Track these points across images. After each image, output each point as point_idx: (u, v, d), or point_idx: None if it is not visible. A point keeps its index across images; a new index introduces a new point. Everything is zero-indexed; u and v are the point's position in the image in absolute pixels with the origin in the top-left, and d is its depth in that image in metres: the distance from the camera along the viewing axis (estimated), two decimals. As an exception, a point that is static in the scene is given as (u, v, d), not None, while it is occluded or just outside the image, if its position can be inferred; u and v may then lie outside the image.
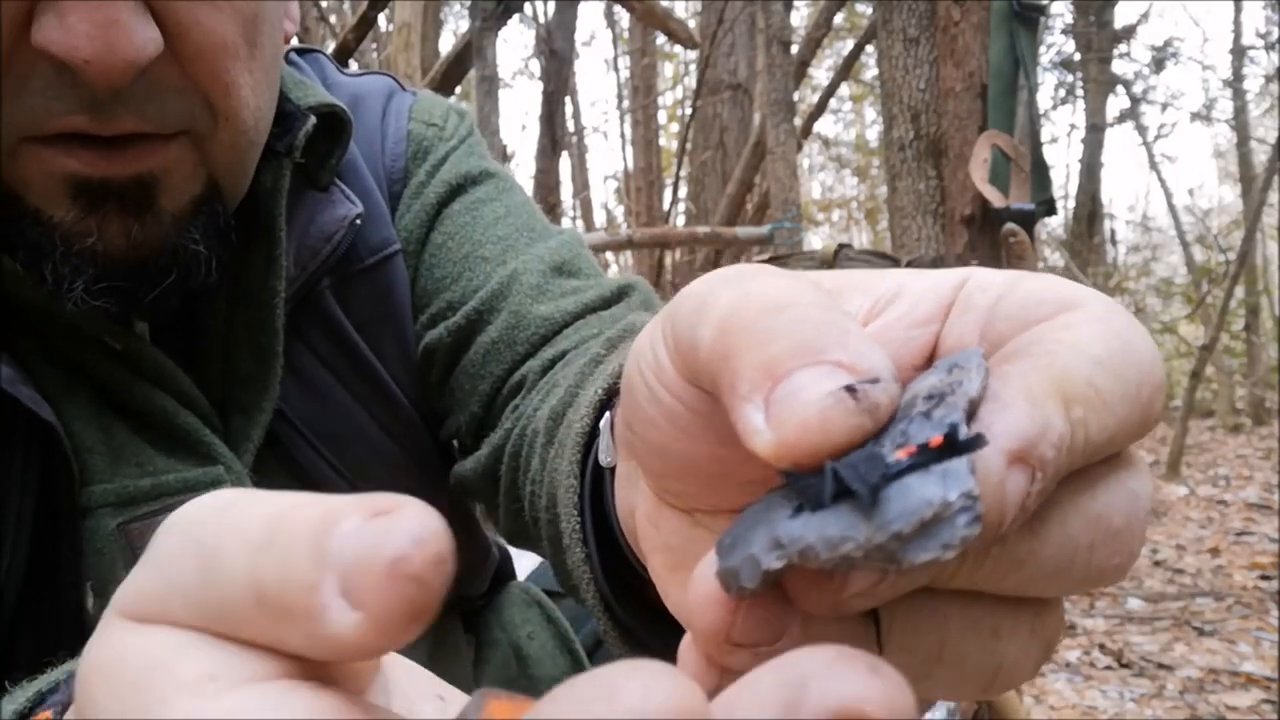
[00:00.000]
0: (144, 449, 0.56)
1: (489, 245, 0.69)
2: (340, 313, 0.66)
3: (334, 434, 0.66)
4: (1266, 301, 10.24)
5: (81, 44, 0.44)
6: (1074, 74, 9.15)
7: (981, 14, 1.92)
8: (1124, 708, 2.55)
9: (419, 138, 0.72)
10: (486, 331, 0.66)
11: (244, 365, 0.61)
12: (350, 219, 0.64)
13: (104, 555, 0.54)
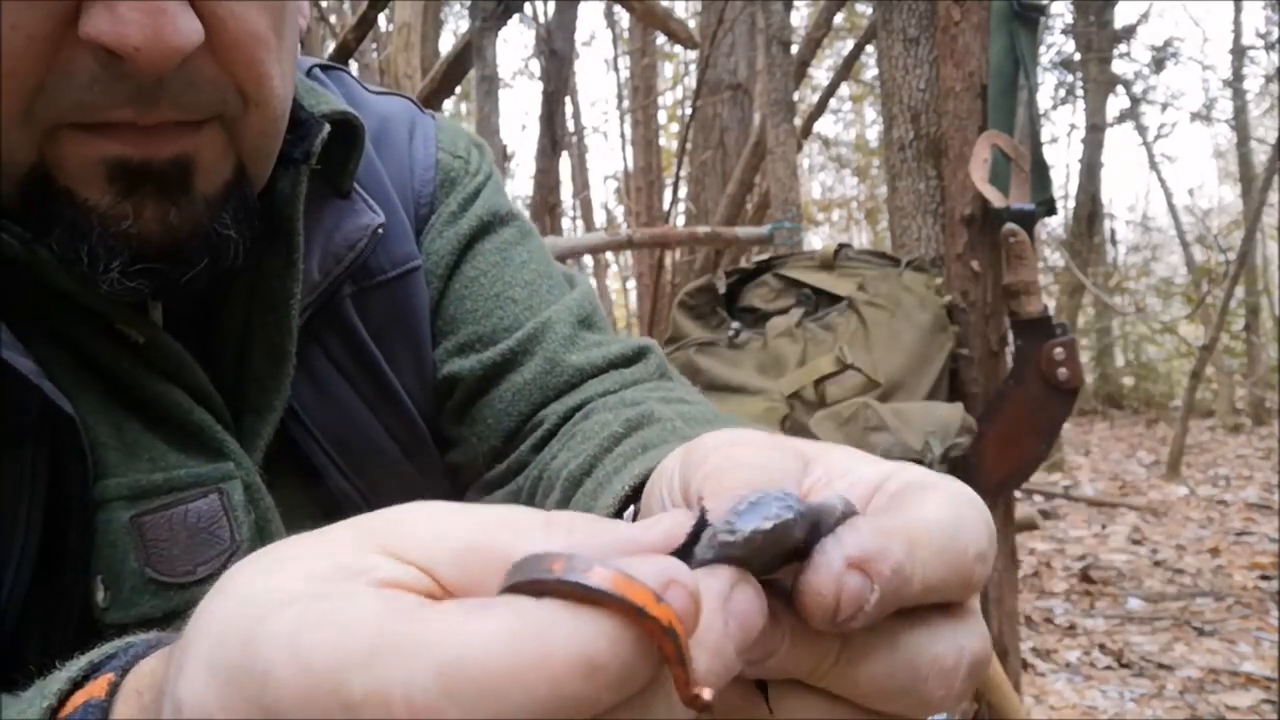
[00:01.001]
0: (155, 444, 0.57)
1: (517, 288, 0.73)
2: (359, 321, 0.68)
3: (345, 438, 0.67)
4: (1266, 301, 10.23)
5: (132, 32, 0.46)
6: (1074, 74, 9.14)
7: (981, 14, 1.92)
8: (1124, 708, 2.55)
9: (447, 167, 0.75)
10: (520, 372, 0.71)
11: (258, 364, 0.62)
12: (373, 228, 0.66)
13: (116, 547, 0.55)
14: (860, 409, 1.69)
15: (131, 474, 0.56)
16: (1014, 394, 1.87)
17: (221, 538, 0.58)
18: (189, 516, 0.57)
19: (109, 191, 0.50)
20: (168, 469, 0.57)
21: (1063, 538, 4.52)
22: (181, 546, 0.56)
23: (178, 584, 0.56)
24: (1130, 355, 11.79)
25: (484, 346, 0.72)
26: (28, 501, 0.53)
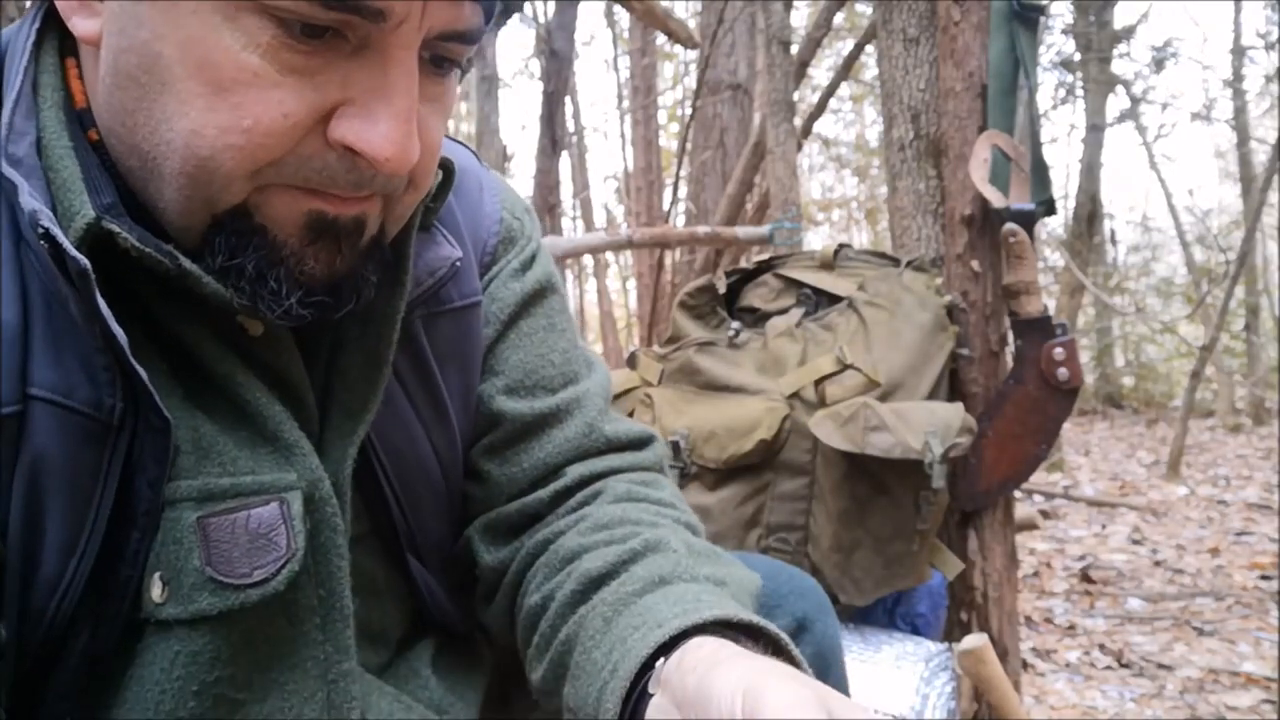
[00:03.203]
0: (228, 448, 0.61)
1: (558, 354, 0.83)
2: (426, 343, 0.75)
3: (398, 449, 0.73)
4: (1266, 301, 10.23)
5: (387, 148, 0.55)
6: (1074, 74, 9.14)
7: (981, 14, 1.92)
8: (1124, 708, 2.55)
9: (508, 226, 0.84)
10: (562, 427, 0.81)
11: (354, 371, 0.68)
12: (453, 260, 0.75)
13: (181, 545, 0.59)
14: (860, 409, 1.69)
15: (202, 476, 0.60)
16: (1014, 394, 1.87)
17: (279, 544, 0.61)
18: (250, 521, 0.61)
19: (300, 236, 0.58)
20: (236, 474, 0.61)
21: (1063, 538, 4.52)
22: (242, 549, 0.60)
23: (234, 584, 0.59)
24: (1130, 355, 11.78)
25: (532, 394, 0.81)
26: (99, 495, 0.56)
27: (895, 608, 1.93)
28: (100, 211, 0.56)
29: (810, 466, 1.78)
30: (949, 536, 1.97)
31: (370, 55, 0.55)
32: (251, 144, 0.54)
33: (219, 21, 0.52)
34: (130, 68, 0.55)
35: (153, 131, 0.55)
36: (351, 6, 0.52)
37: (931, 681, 1.72)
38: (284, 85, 0.54)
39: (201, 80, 0.53)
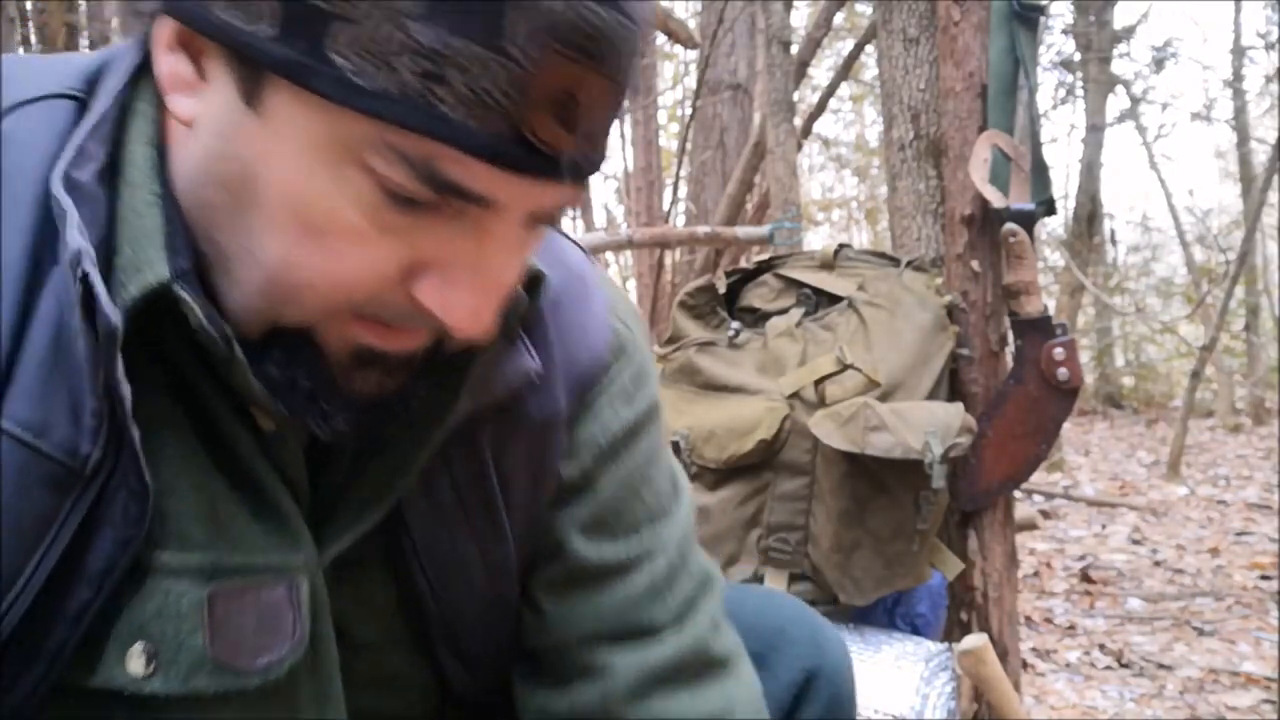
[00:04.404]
0: (242, 524, 0.58)
1: (649, 489, 0.76)
2: (489, 455, 0.69)
3: (442, 552, 0.69)
4: (1266, 301, 10.23)
5: (465, 321, 0.54)
6: (1074, 74, 9.14)
7: (981, 14, 1.92)
8: (1124, 708, 2.55)
9: (620, 336, 0.76)
10: (627, 583, 0.74)
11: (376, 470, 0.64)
12: (530, 374, 0.68)
13: (182, 620, 0.55)
14: (860, 409, 1.69)
15: (214, 551, 0.57)
16: (1014, 394, 1.87)
17: (284, 629, 0.59)
18: (260, 602, 0.58)
19: (351, 360, 0.56)
20: (248, 552, 0.58)
21: (1063, 538, 4.52)
22: (249, 631, 0.57)
23: (235, 669, 0.57)
24: (1130, 355, 11.78)
25: (609, 536, 0.74)
26: (47, 546, 0.52)
27: (895, 608, 1.93)
28: (175, 275, 0.53)
29: (810, 466, 1.78)
30: (949, 536, 1.97)
31: (468, 223, 0.52)
32: (336, 290, 0.53)
33: (323, 169, 0.50)
34: (224, 174, 0.52)
35: (236, 237, 0.53)
36: (459, 192, 0.50)
37: (931, 681, 1.72)
38: (379, 243, 0.52)
39: (296, 218, 0.51)
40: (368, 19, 0.46)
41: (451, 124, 0.48)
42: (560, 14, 0.47)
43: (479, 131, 0.48)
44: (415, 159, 0.49)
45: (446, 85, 0.47)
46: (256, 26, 0.48)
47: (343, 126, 0.49)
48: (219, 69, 0.52)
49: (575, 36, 0.47)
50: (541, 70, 0.47)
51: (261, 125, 0.50)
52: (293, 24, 0.47)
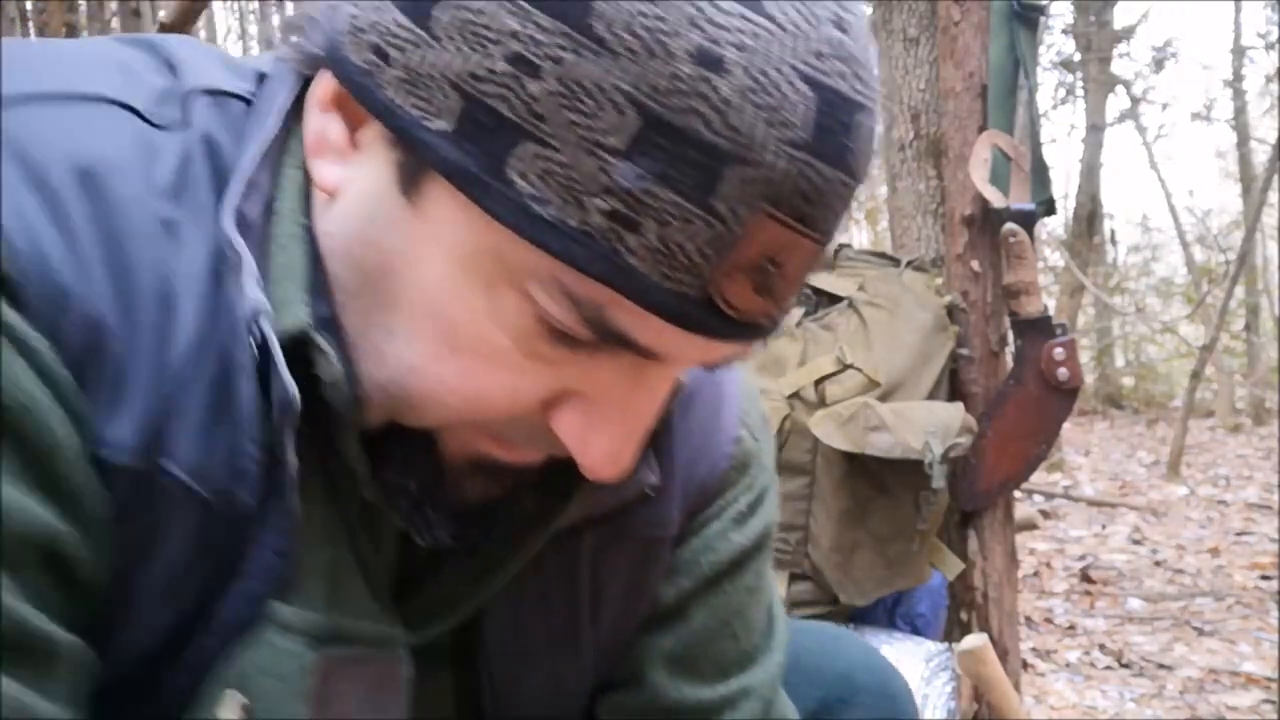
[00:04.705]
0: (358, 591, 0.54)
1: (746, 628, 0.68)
2: (586, 565, 0.63)
3: (510, 662, 0.64)
4: (1266, 301, 10.23)
5: (600, 464, 0.48)
6: (1074, 74, 9.14)
7: (981, 14, 1.92)
8: (1124, 708, 2.55)
9: (745, 450, 0.68)
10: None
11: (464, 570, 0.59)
12: (645, 487, 0.61)
13: (285, 680, 0.50)
14: (860, 409, 1.69)
15: (330, 613, 0.52)
16: (1014, 394, 1.87)
17: (387, 707, 0.55)
18: (369, 677, 0.54)
19: (467, 467, 0.52)
20: (361, 619, 0.53)
21: (1063, 538, 4.52)
22: (356, 702, 0.53)
23: None
24: (1130, 355, 11.79)
25: (695, 676, 0.67)
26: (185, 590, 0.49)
27: (895, 608, 1.93)
28: (314, 324, 0.47)
29: (810, 466, 1.78)
30: (949, 536, 1.97)
31: (624, 365, 0.46)
32: (466, 409, 0.48)
33: (476, 285, 0.45)
34: (365, 260, 0.47)
35: (368, 329, 0.48)
36: (625, 342, 0.45)
37: (931, 681, 1.72)
38: (523, 370, 0.46)
39: (438, 329, 0.46)
40: (563, 146, 0.41)
41: (634, 275, 0.42)
42: (783, 175, 0.41)
43: (662, 288, 0.42)
44: (584, 302, 0.43)
45: (638, 234, 0.41)
46: (430, 118, 0.43)
47: (508, 248, 0.43)
48: (376, 143, 0.46)
49: (794, 200, 0.42)
50: (748, 233, 0.42)
51: (415, 219, 0.45)
52: (473, 128, 0.42)
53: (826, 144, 0.42)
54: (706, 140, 0.40)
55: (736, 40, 0.40)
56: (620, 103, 0.40)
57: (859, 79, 0.43)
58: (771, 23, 0.41)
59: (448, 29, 0.42)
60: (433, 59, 0.43)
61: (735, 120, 0.40)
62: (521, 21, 0.41)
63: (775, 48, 0.41)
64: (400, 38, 0.43)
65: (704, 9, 0.40)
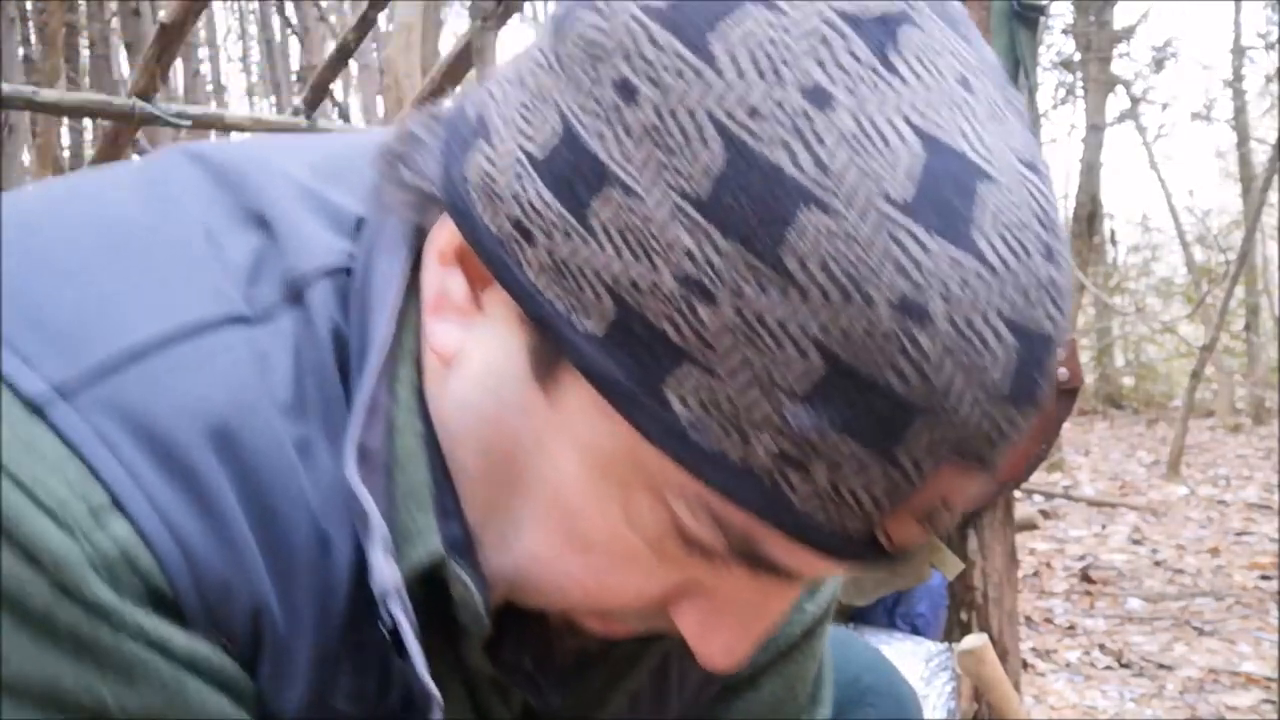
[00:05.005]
0: None
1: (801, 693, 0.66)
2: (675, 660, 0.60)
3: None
4: (1266, 301, 10.24)
5: (719, 659, 0.45)
6: (1074, 74, 9.14)
7: (981, 14, 1.92)
8: (1124, 708, 2.56)
9: None
10: None
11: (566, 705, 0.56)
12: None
13: None
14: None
15: None
16: (1014, 394, 1.87)
17: None
18: None
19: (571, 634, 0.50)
20: None
21: (1063, 538, 4.52)
22: None
23: None
24: (1130, 355, 11.79)
25: None
26: None
27: (895, 608, 1.93)
28: (448, 548, 0.44)
29: (810, 466, 1.78)
30: (949, 536, 1.97)
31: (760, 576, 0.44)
32: (589, 602, 0.45)
33: (612, 485, 0.41)
34: (489, 442, 0.43)
35: (490, 513, 0.45)
36: (767, 566, 0.42)
37: (931, 681, 1.72)
38: (651, 569, 0.44)
39: (566, 524, 0.43)
40: (733, 379, 0.37)
41: (794, 514, 0.39)
42: (973, 426, 0.38)
43: (824, 527, 0.39)
44: (732, 529, 0.40)
45: (805, 475, 0.38)
46: (577, 316, 0.39)
47: (651, 460, 0.39)
48: (504, 311, 0.42)
49: (981, 448, 0.39)
50: (927, 482, 0.39)
51: (547, 408, 0.41)
52: (627, 338, 0.38)
53: (1022, 390, 0.38)
54: (898, 393, 0.36)
55: (942, 288, 0.36)
56: (805, 346, 0.36)
57: (1059, 309, 0.40)
58: (981, 264, 0.36)
59: (608, 227, 0.38)
60: (586, 255, 0.38)
61: (932, 375, 0.36)
62: (698, 240, 0.36)
63: (983, 293, 0.36)
64: (548, 221, 0.39)
65: (909, 249, 0.36)
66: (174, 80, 6.41)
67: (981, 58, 0.40)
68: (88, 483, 0.38)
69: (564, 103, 0.39)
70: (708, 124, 0.36)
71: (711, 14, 0.37)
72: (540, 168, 0.39)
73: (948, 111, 0.37)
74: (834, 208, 0.35)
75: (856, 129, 0.36)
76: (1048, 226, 0.39)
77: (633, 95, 0.38)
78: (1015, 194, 0.38)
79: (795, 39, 0.37)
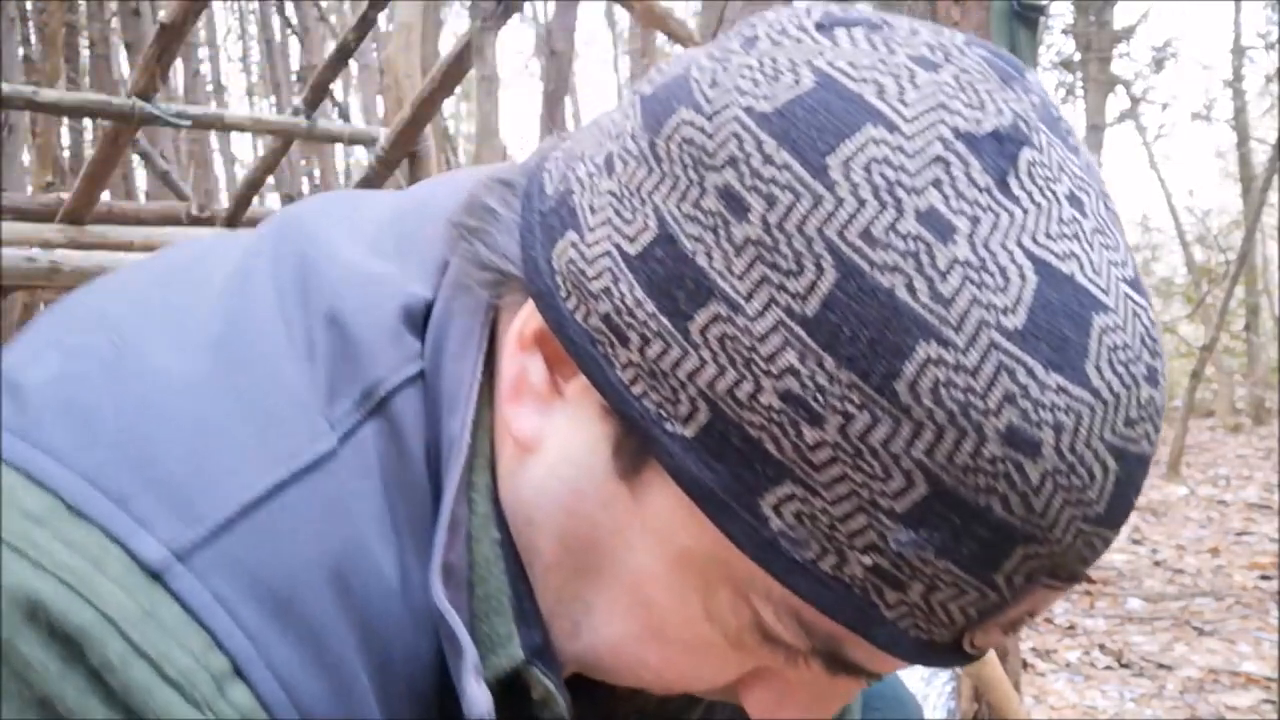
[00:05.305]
0: None
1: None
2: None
3: None
4: (1266, 301, 10.24)
5: None
6: (1074, 74, 9.14)
7: (981, 14, 1.92)
8: (1124, 708, 2.56)
9: None
10: None
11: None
12: None
13: None
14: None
15: None
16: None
17: None
18: None
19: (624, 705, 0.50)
20: None
21: (1063, 538, 4.52)
22: None
23: None
24: (1130, 355, 11.77)
25: None
26: None
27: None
28: (530, 653, 0.44)
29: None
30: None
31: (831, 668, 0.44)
32: (660, 685, 0.45)
33: (694, 581, 0.41)
34: (567, 532, 0.43)
35: (561, 600, 0.45)
36: (846, 666, 0.42)
37: (931, 681, 1.72)
38: (727, 659, 0.43)
39: (644, 615, 0.43)
40: (833, 498, 0.37)
41: (884, 625, 0.39)
42: (1069, 549, 0.38)
43: (915, 638, 0.39)
44: (817, 633, 0.40)
45: (900, 591, 0.38)
46: (669, 419, 0.38)
47: (738, 564, 0.39)
48: (586, 401, 0.42)
49: (1074, 566, 0.39)
50: (1019, 599, 0.39)
51: (630, 503, 0.41)
52: (722, 447, 0.38)
53: (1117, 511, 0.39)
54: (999, 519, 0.36)
55: (1054, 420, 0.36)
56: (910, 470, 0.36)
57: (1157, 428, 0.40)
58: (1093, 395, 0.36)
59: (709, 339, 0.37)
60: (685, 365, 0.38)
61: (1036, 504, 0.36)
62: (804, 360, 0.36)
63: (1092, 423, 0.37)
64: (644, 324, 0.38)
65: (1023, 382, 0.36)
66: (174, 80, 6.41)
67: (1086, 163, 0.40)
68: (210, 651, 0.37)
69: (661, 203, 0.39)
70: (821, 246, 0.36)
71: (831, 134, 0.37)
72: (635, 267, 0.39)
73: (1062, 236, 0.37)
74: (950, 340, 0.35)
75: (974, 259, 0.36)
76: (1153, 351, 0.39)
77: (742, 209, 0.37)
78: (1126, 322, 0.38)
79: (914, 162, 0.36)
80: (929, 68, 0.38)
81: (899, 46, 0.39)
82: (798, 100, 0.37)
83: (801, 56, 0.39)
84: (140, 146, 4.27)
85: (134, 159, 5.61)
